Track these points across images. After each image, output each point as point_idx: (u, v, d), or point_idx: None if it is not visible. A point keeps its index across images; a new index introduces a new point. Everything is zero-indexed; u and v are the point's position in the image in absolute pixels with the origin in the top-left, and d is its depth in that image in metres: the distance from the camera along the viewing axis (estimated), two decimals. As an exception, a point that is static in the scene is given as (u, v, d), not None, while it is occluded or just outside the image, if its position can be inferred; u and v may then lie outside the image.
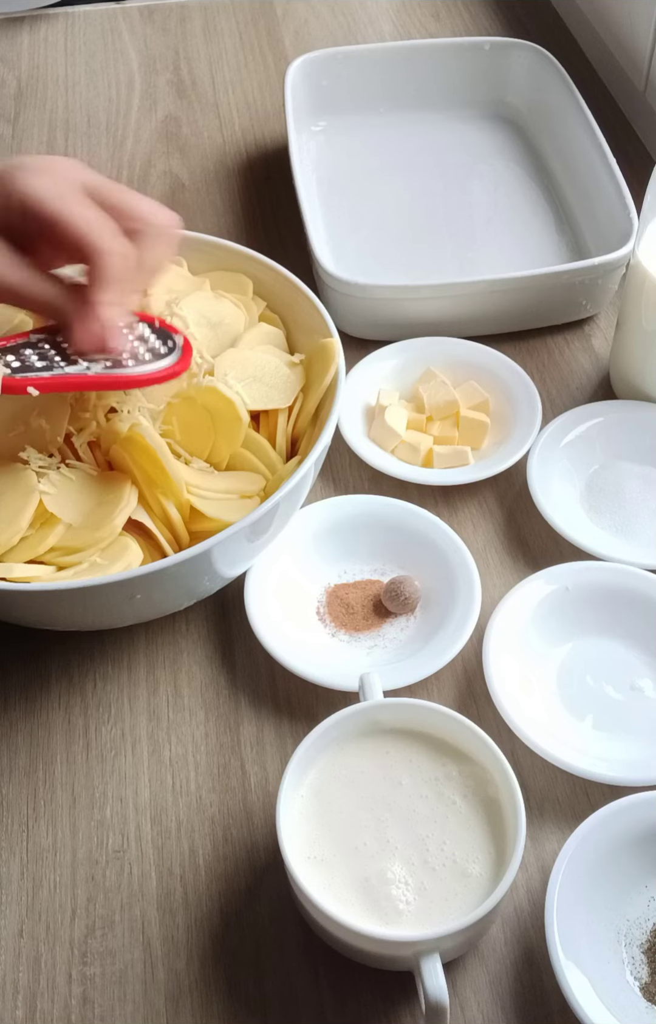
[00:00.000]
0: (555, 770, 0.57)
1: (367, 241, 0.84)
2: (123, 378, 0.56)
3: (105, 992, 0.52)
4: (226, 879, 0.55)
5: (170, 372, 0.57)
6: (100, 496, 0.57)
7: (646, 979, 0.50)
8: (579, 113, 0.84)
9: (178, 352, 0.58)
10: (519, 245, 0.83)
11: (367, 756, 0.51)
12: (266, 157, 0.93)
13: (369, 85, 0.93)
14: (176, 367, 0.57)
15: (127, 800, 0.58)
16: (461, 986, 0.51)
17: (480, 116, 0.94)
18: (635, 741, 0.58)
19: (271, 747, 0.59)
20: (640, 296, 0.67)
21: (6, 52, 1.05)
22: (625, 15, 0.93)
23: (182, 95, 1.00)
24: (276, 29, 1.07)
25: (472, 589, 0.61)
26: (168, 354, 0.57)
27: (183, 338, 0.59)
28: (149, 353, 0.57)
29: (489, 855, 0.48)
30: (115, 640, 0.63)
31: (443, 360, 0.74)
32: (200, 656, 0.63)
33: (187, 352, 0.58)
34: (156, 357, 0.57)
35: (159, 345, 0.58)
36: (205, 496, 0.58)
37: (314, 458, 0.57)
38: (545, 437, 0.69)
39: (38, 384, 0.54)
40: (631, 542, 0.65)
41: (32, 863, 0.56)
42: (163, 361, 0.57)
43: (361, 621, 0.63)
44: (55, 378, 0.55)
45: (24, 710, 0.61)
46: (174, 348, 0.58)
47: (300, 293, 0.65)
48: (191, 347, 0.59)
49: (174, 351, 0.58)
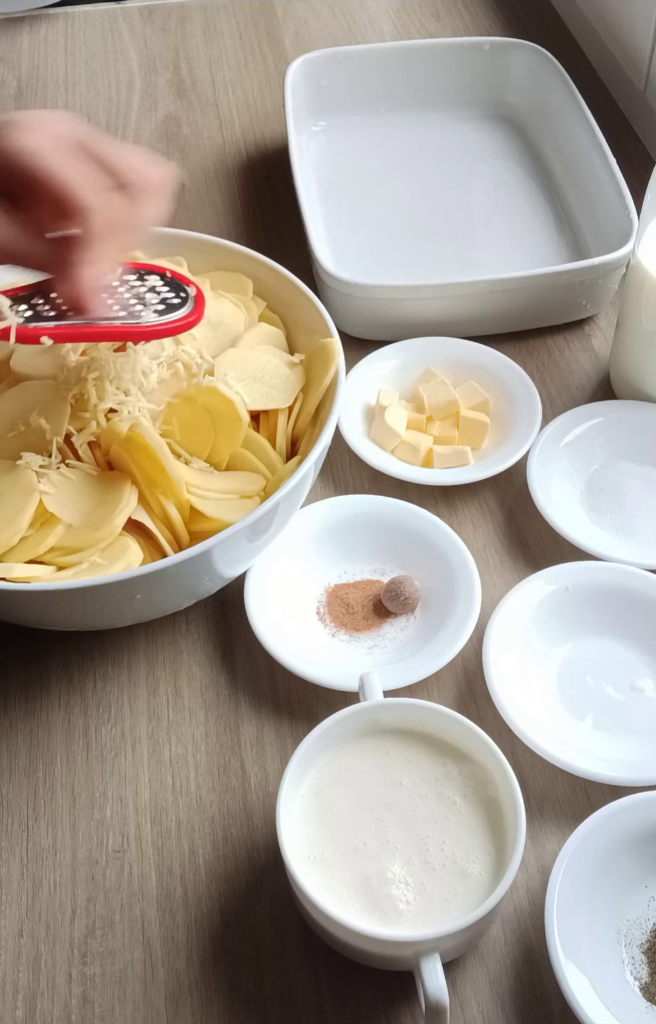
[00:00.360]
0: (555, 770, 0.57)
1: (367, 241, 0.84)
2: (137, 329, 0.55)
3: (105, 992, 0.52)
4: (226, 879, 0.55)
5: (184, 323, 0.57)
6: (100, 496, 0.57)
7: (646, 979, 0.50)
8: (579, 113, 0.84)
9: (191, 303, 0.57)
10: (519, 245, 0.83)
11: (367, 756, 0.51)
12: (266, 157, 0.93)
13: (369, 85, 0.93)
14: (189, 317, 0.57)
15: (127, 800, 0.58)
16: (461, 986, 0.51)
17: (480, 116, 0.94)
18: (635, 741, 0.58)
19: (271, 747, 0.59)
20: (640, 296, 0.67)
21: (6, 52, 1.05)
22: (625, 15, 0.93)
23: (182, 95, 1.00)
24: (276, 29, 1.07)
25: (472, 589, 0.61)
26: (181, 305, 0.57)
27: (196, 288, 0.58)
28: (162, 304, 0.57)
29: (489, 855, 0.48)
30: (115, 640, 0.63)
31: (443, 360, 0.74)
32: (200, 656, 0.63)
33: (200, 302, 0.58)
34: (169, 308, 0.57)
35: (172, 296, 0.57)
36: (205, 496, 0.58)
37: (314, 458, 0.57)
38: (545, 437, 0.69)
39: (52, 333, 0.54)
40: (631, 542, 0.65)
41: (32, 863, 0.56)
42: (177, 312, 0.57)
43: (361, 621, 0.63)
44: (68, 328, 0.54)
45: (24, 710, 0.61)
46: (187, 299, 0.57)
47: (300, 293, 0.65)
48: (204, 297, 0.58)
49: (187, 302, 0.57)
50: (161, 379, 0.60)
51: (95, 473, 0.58)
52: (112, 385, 0.58)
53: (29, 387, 0.60)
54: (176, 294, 0.57)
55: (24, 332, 0.53)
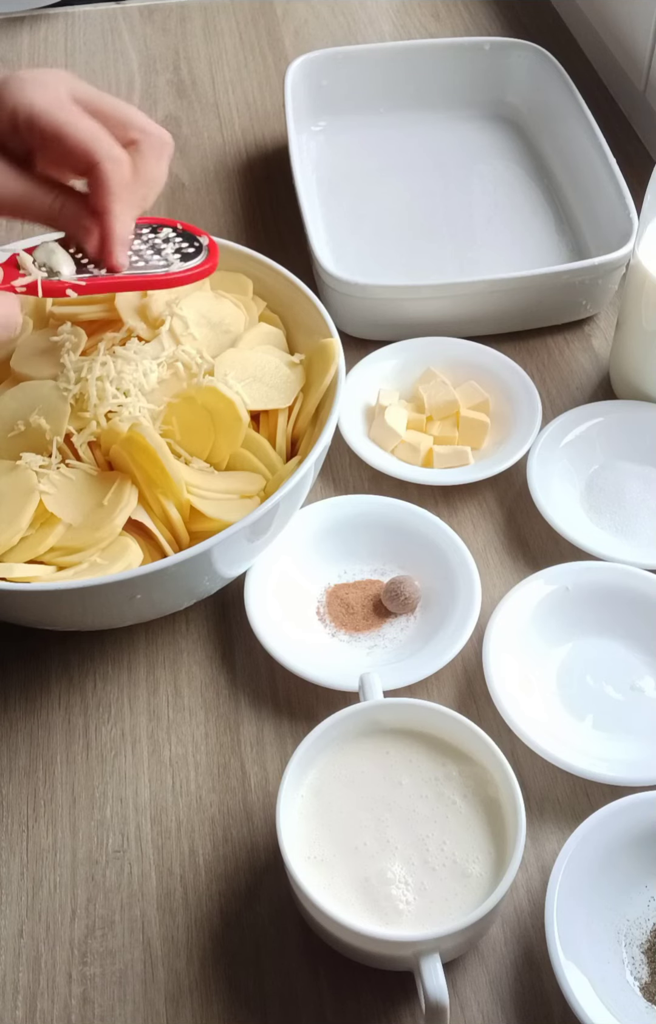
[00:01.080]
0: (555, 770, 0.57)
1: (367, 241, 0.84)
2: (157, 278, 0.57)
3: (105, 992, 0.52)
4: (226, 879, 0.55)
5: (200, 271, 0.58)
6: (100, 496, 0.57)
7: (646, 979, 0.50)
8: (579, 113, 0.84)
9: (205, 252, 0.59)
10: (519, 245, 0.83)
11: (367, 756, 0.51)
12: (266, 157, 0.93)
13: (369, 85, 0.93)
14: (204, 265, 0.58)
15: (127, 800, 0.58)
16: (461, 986, 0.51)
17: (480, 116, 0.94)
18: (635, 741, 0.58)
19: (271, 747, 0.59)
20: (640, 296, 0.67)
21: (6, 52, 1.05)
22: (625, 15, 0.93)
23: (182, 95, 1.00)
24: (276, 29, 1.07)
25: (472, 589, 0.61)
26: (196, 254, 0.58)
27: (208, 238, 0.59)
28: (177, 254, 0.58)
29: (489, 855, 0.48)
30: (115, 640, 0.63)
31: (443, 360, 0.74)
32: (200, 656, 0.63)
33: (214, 251, 0.59)
34: (186, 258, 0.58)
35: (186, 245, 0.58)
36: (205, 496, 0.58)
37: (314, 458, 0.57)
38: (545, 437, 0.69)
39: (75, 286, 0.55)
40: (631, 542, 0.65)
41: (32, 863, 0.56)
42: (193, 260, 0.58)
43: (361, 621, 0.63)
44: (92, 279, 0.55)
45: (24, 710, 0.61)
46: (201, 248, 0.59)
47: (300, 293, 0.65)
48: (217, 246, 0.59)
49: (202, 251, 0.58)
50: (161, 379, 0.60)
51: (95, 473, 0.58)
52: (112, 385, 0.58)
53: (29, 387, 0.60)
54: (190, 244, 0.59)
55: (50, 285, 0.54)
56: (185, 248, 0.58)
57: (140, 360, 0.60)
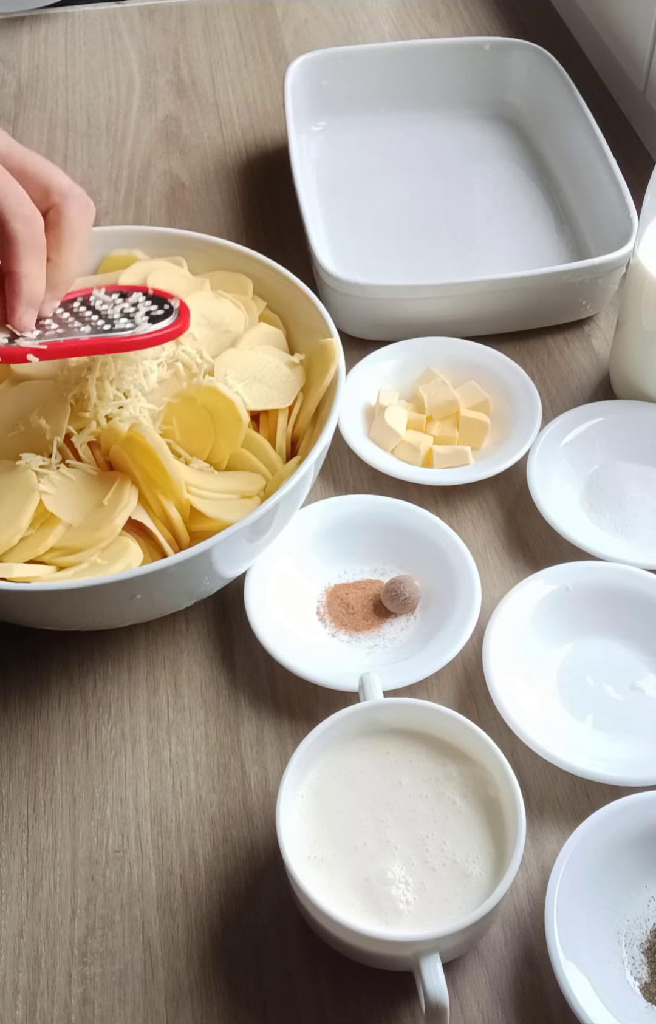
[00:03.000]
0: (555, 770, 0.57)
1: (367, 241, 0.84)
2: (123, 340, 0.57)
3: (105, 992, 0.52)
4: (226, 879, 0.55)
5: (170, 332, 0.58)
6: (100, 496, 0.57)
7: (646, 979, 0.50)
8: (579, 113, 0.84)
9: (176, 314, 0.59)
10: (519, 245, 0.83)
11: (367, 756, 0.51)
12: (266, 157, 0.93)
13: (369, 85, 0.93)
14: (174, 326, 0.58)
15: (127, 800, 0.58)
16: (461, 986, 0.51)
17: (480, 116, 0.94)
18: (635, 741, 0.58)
19: (271, 747, 0.59)
20: (640, 296, 0.67)
21: (6, 52, 1.05)
22: (625, 15, 0.93)
23: (182, 95, 1.00)
24: (276, 29, 1.07)
25: (472, 589, 0.61)
26: (166, 316, 0.58)
27: (179, 301, 0.59)
28: (146, 316, 0.58)
29: (489, 855, 0.48)
30: (115, 640, 0.63)
31: (443, 360, 0.74)
32: (200, 656, 0.63)
33: (184, 312, 0.59)
34: (155, 320, 0.58)
35: (155, 308, 0.59)
36: (205, 496, 0.58)
37: (314, 458, 0.57)
38: (545, 437, 0.69)
39: (36, 351, 0.54)
40: (631, 542, 0.65)
41: (32, 863, 0.56)
42: (161, 323, 0.58)
43: (361, 621, 0.63)
44: (54, 344, 0.55)
45: (24, 710, 0.61)
46: (172, 311, 0.59)
47: (300, 293, 0.65)
48: (188, 309, 0.59)
49: (172, 313, 0.58)
50: (161, 379, 0.60)
51: (95, 473, 0.58)
52: (112, 385, 0.58)
53: (29, 387, 0.61)
54: (159, 307, 0.59)
55: (9, 352, 0.54)
56: (154, 311, 0.58)
57: (140, 360, 0.60)
